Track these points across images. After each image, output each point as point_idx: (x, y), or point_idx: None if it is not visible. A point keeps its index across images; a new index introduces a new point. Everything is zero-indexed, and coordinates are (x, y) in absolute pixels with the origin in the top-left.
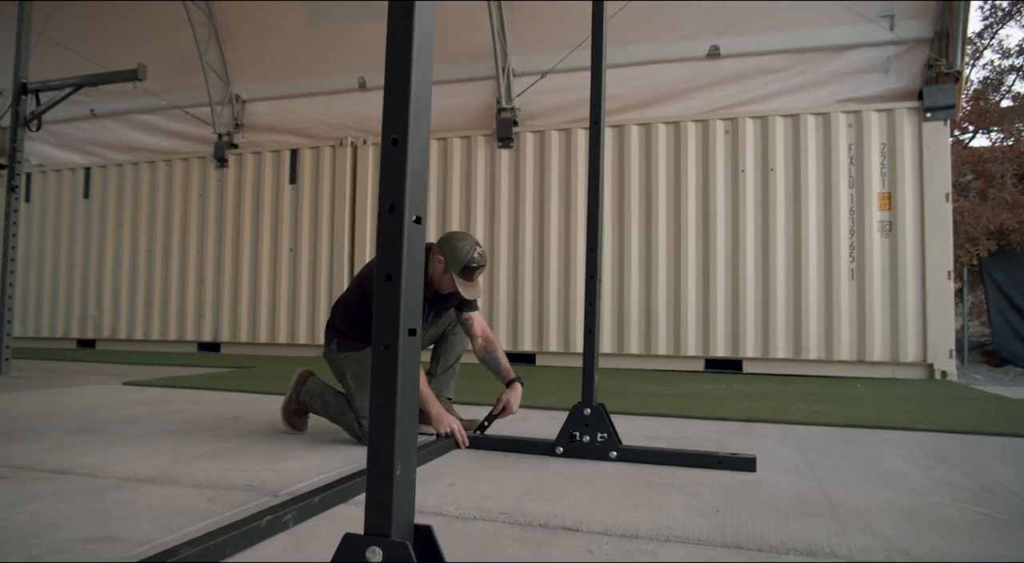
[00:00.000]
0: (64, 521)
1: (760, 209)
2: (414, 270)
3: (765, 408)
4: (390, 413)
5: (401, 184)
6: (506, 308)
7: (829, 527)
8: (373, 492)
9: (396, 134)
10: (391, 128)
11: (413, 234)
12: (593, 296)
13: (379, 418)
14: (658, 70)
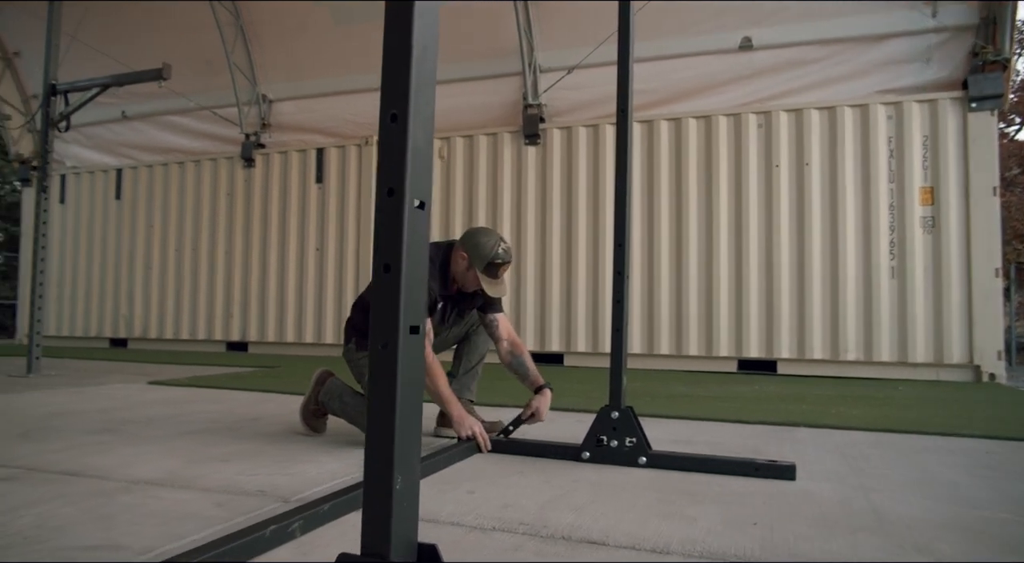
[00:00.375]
0: (68, 526)
1: (795, 205)
2: (416, 261)
3: (802, 411)
4: (389, 420)
5: (401, 164)
6: (533, 308)
7: (877, 544)
8: (370, 508)
9: (395, 109)
10: (390, 102)
11: (415, 220)
12: (621, 293)
13: (377, 426)
14: (688, 63)
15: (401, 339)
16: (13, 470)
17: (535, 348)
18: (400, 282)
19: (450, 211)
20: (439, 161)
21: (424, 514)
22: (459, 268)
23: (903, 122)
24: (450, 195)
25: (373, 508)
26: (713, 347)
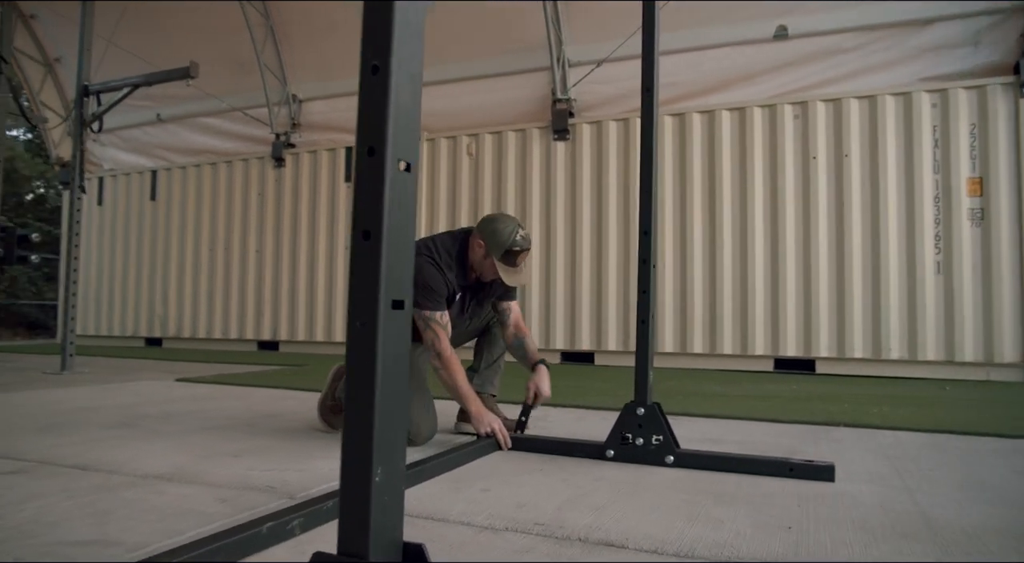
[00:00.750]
0: (64, 520)
1: (833, 198)
2: (400, 228)
3: (842, 411)
4: (368, 405)
5: (382, 121)
6: (563, 305)
7: (928, 552)
8: (347, 502)
9: (376, 60)
10: (371, 53)
11: (399, 183)
12: (647, 283)
13: (355, 412)
14: (721, 54)
15: (382, 315)
16: (23, 463)
17: (565, 347)
18: (380, 251)
19: (478, 209)
20: (468, 158)
21: (433, 513)
22: (476, 256)
23: (949, 110)
24: (479, 192)
25: (350, 502)
26: (748, 346)
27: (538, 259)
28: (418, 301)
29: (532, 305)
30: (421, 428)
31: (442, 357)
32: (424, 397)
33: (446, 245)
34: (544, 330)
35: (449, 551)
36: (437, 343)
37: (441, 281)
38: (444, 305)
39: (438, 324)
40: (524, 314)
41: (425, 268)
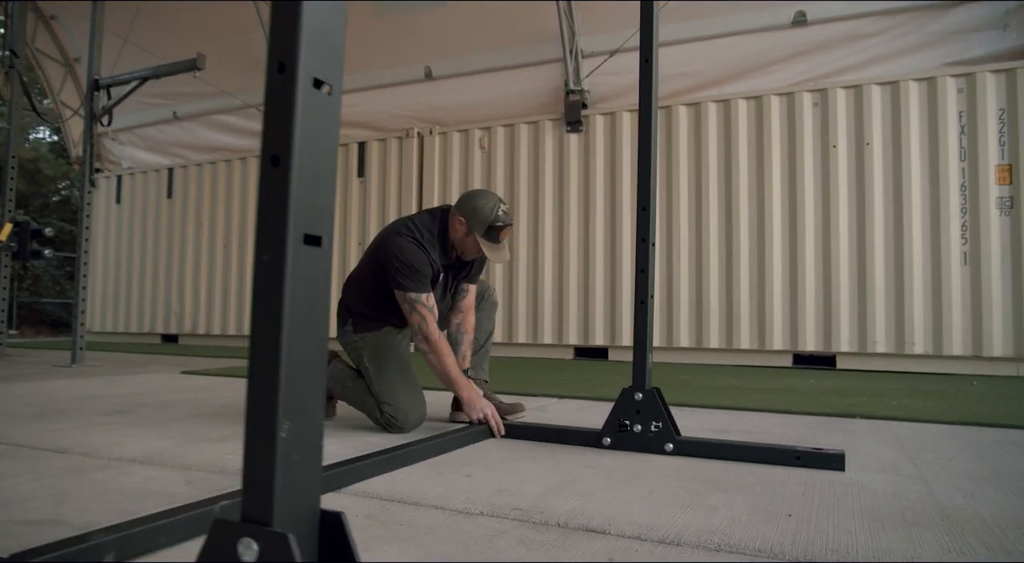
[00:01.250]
0: (22, 500)
1: (855, 187)
2: (316, 154)
3: (860, 403)
4: (274, 351)
5: (294, 34)
6: (576, 300)
7: (940, 540)
8: (249, 462)
9: None
10: None
11: (313, 104)
12: (645, 262)
13: (260, 359)
14: (737, 42)
15: (290, 250)
16: (5, 446)
17: (578, 342)
18: (290, 178)
19: None
20: (480, 151)
21: (407, 496)
22: (457, 234)
23: (976, 95)
24: (491, 186)
25: (252, 461)
26: (766, 341)
27: (551, 252)
28: (401, 283)
29: (545, 300)
30: (408, 413)
31: (430, 341)
32: (409, 382)
33: (426, 224)
34: (557, 325)
35: (414, 535)
36: (424, 326)
37: (425, 261)
38: (429, 287)
39: (424, 307)
40: (537, 308)
41: (407, 247)
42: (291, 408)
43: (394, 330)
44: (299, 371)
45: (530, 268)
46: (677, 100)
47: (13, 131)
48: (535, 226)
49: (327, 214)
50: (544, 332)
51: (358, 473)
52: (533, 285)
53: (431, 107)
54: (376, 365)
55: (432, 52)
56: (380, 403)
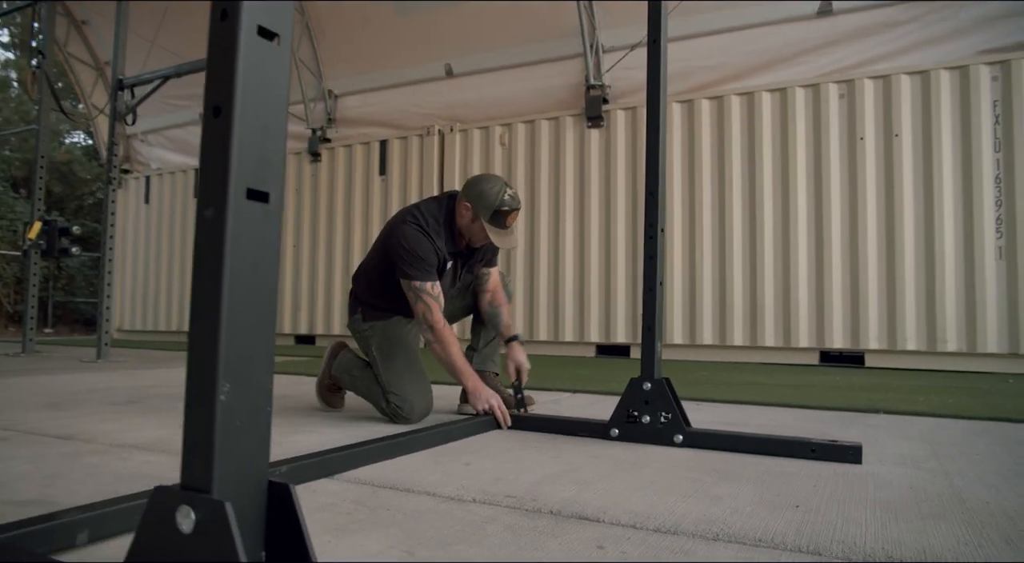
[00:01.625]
0: (14, 481)
1: (883, 180)
2: (261, 105)
3: (886, 399)
4: (213, 310)
5: None
6: (597, 297)
7: (957, 533)
8: (189, 429)
9: None
10: None
11: (257, 52)
12: (654, 249)
13: (201, 318)
14: (761, 34)
15: (232, 204)
16: (12, 433)
17: (600, 340)
18: (232, 129)
19: None
20: (500, 148)
21: (400, 483)
22: (464, 220)
23: (1011, 83)
24: (512, 183)
25: (192, 426)
26: (792, 338)
27: (571, 249)
28: (407, 271)
29: (566, 297)
30: (414, 404)
31: (435, 330)
32: (416, 372)
33: (432, 211)
34: (578, 323)
35: (400, 520)
36: (429, 315)
37: (431, 249)
38: (435, 275)
39: (429, 295)
40: (559, 306)
41: (412, 235)
42: (233, 370)
43: (403, 320)
44: (241, 332)
45: (551, 265)
46: (700, 94)
47: (42, 131)
48: (556, 222)
49: (276, 169)
50: (565, 330)
51: (352, 460)
52: (554, 282)
53: (452, 104)
54: (384, 354)
55: (453, 49)
56: (386, 393)
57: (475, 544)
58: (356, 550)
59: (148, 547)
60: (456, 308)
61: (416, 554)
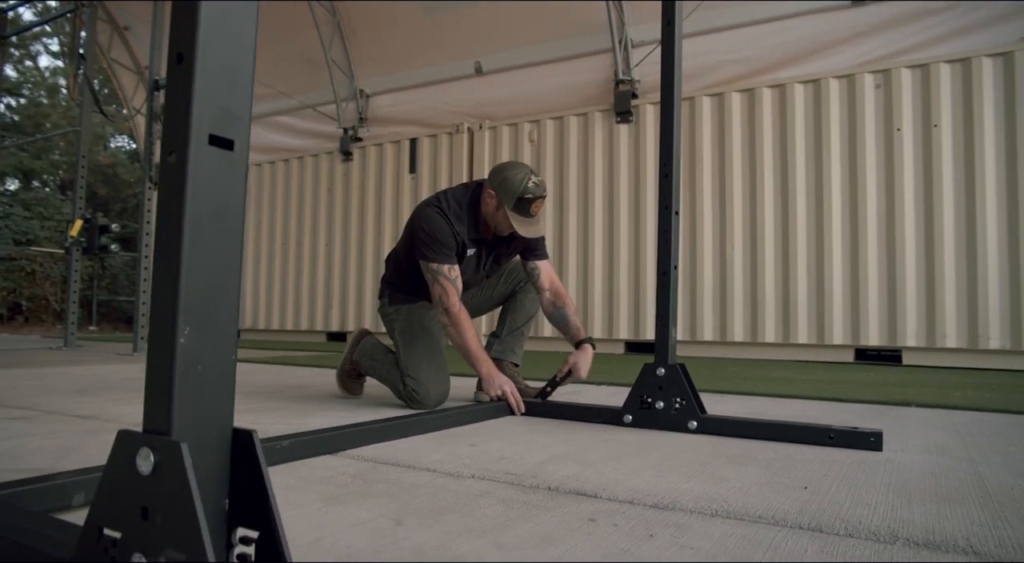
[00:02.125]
0: (30, 454)
1: (921, 172)
2: (226, 53)
3: (920, 394)
4: (174, 252)
5: None
6: (627, 293)
7: (973, 515)
8: (151, 372)
9: None
10: None
11: None
12: (668, 231)
13: (160, 261)
14: (793, 25)
15: (193, 149)
16: (35, 413)
17: (629, 337)
18: (194, 76)
19: None
20: (530, 145)
21: (403, 461)
22: (489, 208)
23: None
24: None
25: (153, 370)
26: (826, 335)
27: (601, 245)
28: (424, 253)
29: (595, 293)
30: (430, 388)
31: (450, 313)
32: (435, 358)
33: (457, 196)
34: (607, 319)
35: (393, 492)
36: (445, 298)
37: (447, 232)
38: (453, 259)
39: (446, 278)
40: (587, 302)
41: (432, 218)
42: (193, 315)
43: (428, 305)
44: (203, 276)
45: (580, 261)
46: (730, 87)
47: (83, 131)
48: (585, 218)
49: (241, 118)
50: (595, 326)
51: (355, 438)
52: (583, 278)
53: (481, 102)
54: (405, 338)
55: (481, 47)
56: (404, 376)
57: (465, 515)
58: (345, 517)
59: (112, 489)
60: (487, 301)
61: (404, 522)
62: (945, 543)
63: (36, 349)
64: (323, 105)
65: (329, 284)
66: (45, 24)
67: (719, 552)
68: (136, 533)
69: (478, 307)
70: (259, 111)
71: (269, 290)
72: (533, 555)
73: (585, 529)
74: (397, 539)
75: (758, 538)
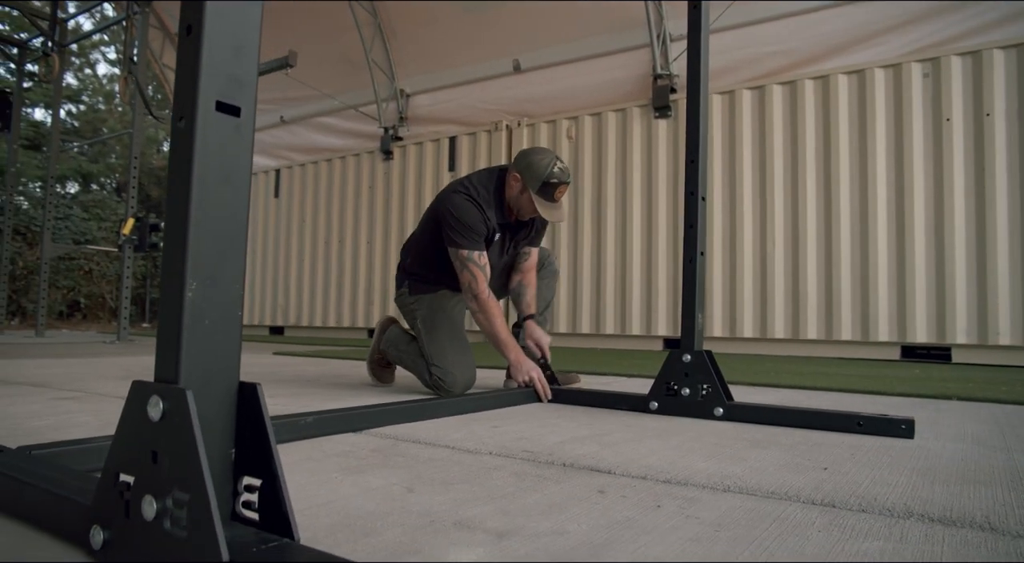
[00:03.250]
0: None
1: (972, 162)
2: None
3: (964, 389)
4: (183, 211)
5: None
6: (665, 289)
7: (997, 496)
8: (161, 325)
9: None
10: None
11: None
12: (694, 217)
13: (171, 220)
14: (837, 15)
15: (201, 115)
16: (83, 394)
17: (668, 333)
18: (201, 46)
19: (578, 192)
20: (568, 141)
21: (424, 438)
22: (513, 192)
23: None
24: (578, 176)
25: (163, 323)
26: (870, 331)
27: (639, 241)
28: (455, 240)
29: (633, 289)
30: (457, 376)
31: (479, 300)
32: (459, 344)
33: (483, 182)
34: (645, 315)
35: (410, 465)
36: (475, 285)
37: (479, 218)
38: (482, 245)
39: (476, 265)
40: (625, 298)
41: (462, 205)
42: (200, 272)
43: (449, 293)
44: (209, 236)
45: (617, 257)
46: (771, 80)
47: (136, 133)
48: (623, 214)
49: (247, 86)
50: (632, 323)
51: (379, 417)
52: (621, 275)
53: (519, 99)
54: (428, 327)
55: (519, 45)
56: (429, 365)
57: (476, 485)
58: (359, 485)
59: (126, 436)
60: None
61: (415, 489)
62: (962, 519)
63: (91, 343)
64: (364, 105)
65: (370, 281)
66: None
67: (724, 522)
68: (147, 476)
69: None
70: (302, 112)
71: (312, 288)
72: (538, 521)
73: (593, 499)
74: (407, 504)
75: (766, 511)
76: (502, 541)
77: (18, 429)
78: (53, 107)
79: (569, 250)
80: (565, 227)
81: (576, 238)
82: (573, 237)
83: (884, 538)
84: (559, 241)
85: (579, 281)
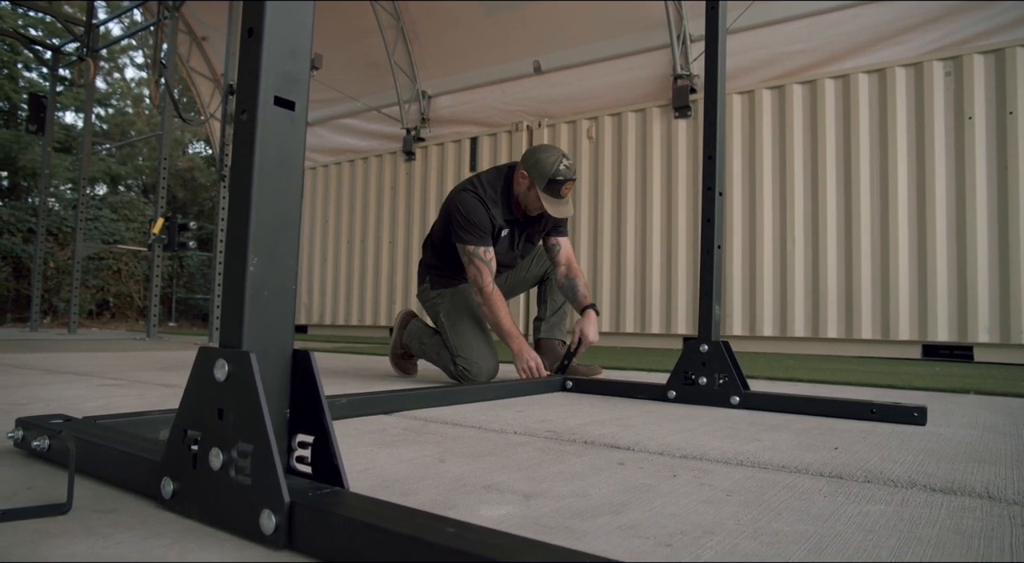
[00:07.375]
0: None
1: (995, 161)
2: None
3: (982, 384)
4: (245, 195)
5: None
6: (685, 288)
7: (999, 472)
8: (226, 297)
9: None
10: None
11: None
12: (711, 211)
13: (234, 203)
14: (858, 13)
15: (261, 109)
16: (126, 381)
17: (688, 332)
18: (262, 47)
19: (599, 192)
20: (587, 141)
21: (452, 420)
22: (521, 188)
23: None
24: (598, 176)
25: (228, 294)
26: (891, 330)
27: (659, 240)
28: (461, 235)
29: (653, 288)
30: (481, 366)
31: (484, 293)
32: (482, 335)
33: (491, 179)
34: (665, 314)
35: (439, 441)
36: (480, 278)
37: (484, 214)
38: (488, 241)
39: (481, 260)
40: (645, 298)
41: (467, 202)
42: (260, 248)
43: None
44: (268, 216)
45: (638, 256)
46: (791, 79)
47: (164, 134)
48: (643, 213)
49: (301, 83)
50: (652, 321)
51: (409, 401)
52: (641, 273)
53: (540, 100)
54: (451, 320)
55: (540, 46)
56: (454, 356)
57: (503, 457)
58: (393, 456)
59: (194, 397)
60: (521, 280)
61: (446, 460)
62: (962, 489)
63: (122, 340)
64: (387, 107)
65: (392, 280)
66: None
67: (736, 489)
68: (213, 431)
69: (514, 288)
70: (326, 114)
71: (335, 287)
72: (561, 486)
73: (613, 469)
74: (439, 472)
75: (776, 480)
76: (528, 501)
77: (75, 408)
78: (85, 110)
79: (589, 249)
80: (585, 226)
81: (596, 238)
82: (593, 236)
83: (886, 503)
84: (579, 240)
85: (599, 280)
